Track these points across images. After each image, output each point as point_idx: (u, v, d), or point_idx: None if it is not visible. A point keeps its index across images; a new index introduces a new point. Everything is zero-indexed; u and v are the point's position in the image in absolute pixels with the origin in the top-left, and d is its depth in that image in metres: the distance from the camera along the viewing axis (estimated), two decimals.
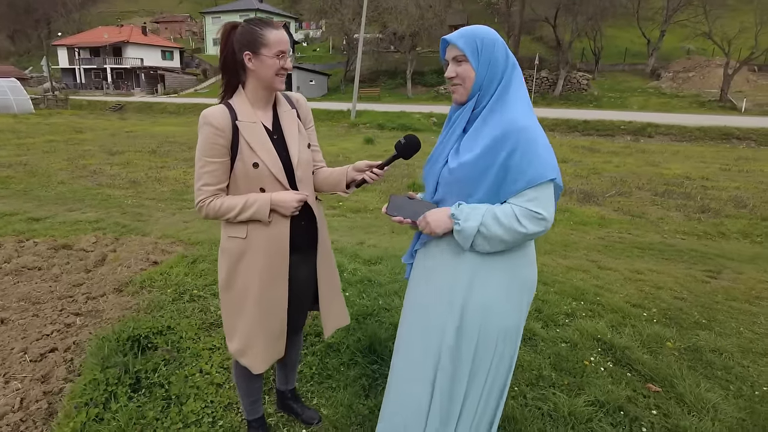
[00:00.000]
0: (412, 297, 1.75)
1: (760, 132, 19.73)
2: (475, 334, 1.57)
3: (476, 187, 1.51)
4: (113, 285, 3.76)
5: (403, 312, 1.80)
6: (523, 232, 1.44)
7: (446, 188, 1.59)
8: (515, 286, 1.58)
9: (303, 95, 1.97)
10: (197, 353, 2.70)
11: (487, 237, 1.46)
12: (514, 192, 1.46)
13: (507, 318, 1.58)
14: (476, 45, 1.48)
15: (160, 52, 52.02)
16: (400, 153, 1.71)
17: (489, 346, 1.58)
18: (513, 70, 1.52)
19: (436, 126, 24.30)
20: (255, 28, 1.65)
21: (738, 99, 28.43)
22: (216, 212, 1.72)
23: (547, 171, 1.43)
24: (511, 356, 1.65)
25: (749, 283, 4.61)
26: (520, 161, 1.42)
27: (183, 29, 68.24)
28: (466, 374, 1.60)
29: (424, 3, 34.75)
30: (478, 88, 1.51)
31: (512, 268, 1.56)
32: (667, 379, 2.63)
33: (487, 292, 1.54)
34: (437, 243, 1.64)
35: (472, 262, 1.54)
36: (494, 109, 1.50)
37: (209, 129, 1.66)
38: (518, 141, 1.42)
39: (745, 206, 8.14)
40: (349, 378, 2.45)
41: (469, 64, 1.49)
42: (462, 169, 1.51)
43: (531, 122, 1.46)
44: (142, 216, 6.04)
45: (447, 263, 1.60)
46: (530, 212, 1.43)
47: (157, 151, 12.66)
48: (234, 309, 1.82)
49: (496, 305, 1.55)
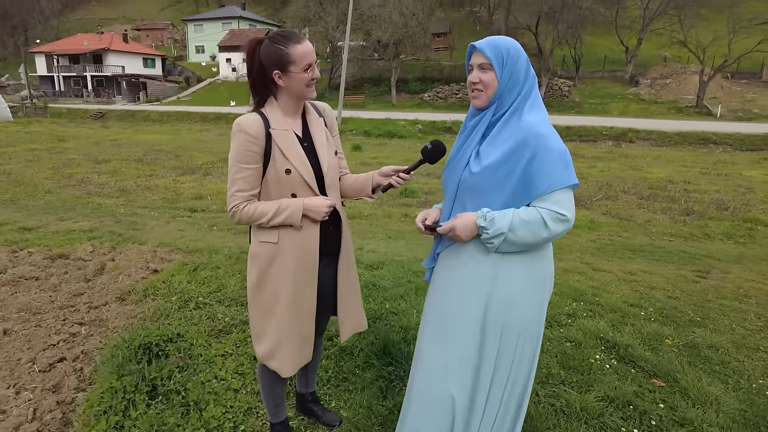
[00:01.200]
0: (434, 298, 1.79)
1: (736, 137, 20.38)
2: (498, 329, 1.62)
3: (497, 191, 1.57)
4: (115, 294, 3.73)
5: (424, 314, 1.84)
6: (547, 234, 1.52)
7: (467, 192, 1.65)
8: (536, 280, 1.64)
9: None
10: (210, 360, 2.71)
11: (514, 241, 1.53)
12: (535, 196, 1.53)
13: (527, 313, 1.64)
14: (502, 55, 1.56)
15: (142, 59, 51.49)
16: (427, 158, 1.77)
17: (510, 341, 1.64)
18: (532, 81, 1.60)
19: (422, 133, 24.52)
20: (280, 47, 1.69)
21: (713, 105, 29.26)
22: (249, 217, 1.76)
23: (568, 177, 1.51)
24: (532, 356, 1.70)
25: (737, 282, 4.78)
26: (540, 167, 1.50)
27: (165, 36, 67.65)
28: (490, 372, 1.65)
29: (407, 11, 35.08)
30: (499, 96, 1.59)
31: (532, 263, 1.63)
32: (670, 374, 2.73)
33: (509, 286, 1.61)
34: (459, 246, 1.69)
35: (495, 260, 1.60)
36: (513, 117, 1.58)
37: (244, 136, 1.70)
38: (537, 147, 1.50)
39: (727, 208, 8.40)
40: (365, 380, 2.49)
41: (494, 73, 1.57)
42: (484, 173, 1.57)
43: (549, 130, 1.54)
44: (137, 224, 5.99)
45: (469, 263, 1.65)
46: (556, 214, 1.51)
47: (143, 159, 12.54)
48: (264, 312, 1.85)
49: (518, 300, 1.61)
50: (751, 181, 11.88)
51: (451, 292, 1.71)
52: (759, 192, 10.45)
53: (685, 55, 34.18)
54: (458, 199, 1.68)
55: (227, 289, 3.72)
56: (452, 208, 1.71)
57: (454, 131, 25.17)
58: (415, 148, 18.93)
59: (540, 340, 1.72)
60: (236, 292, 3.66)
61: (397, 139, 21.94)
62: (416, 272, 4.21)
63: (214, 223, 6.53)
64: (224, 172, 11.67)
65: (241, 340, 2.95)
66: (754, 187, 11.03)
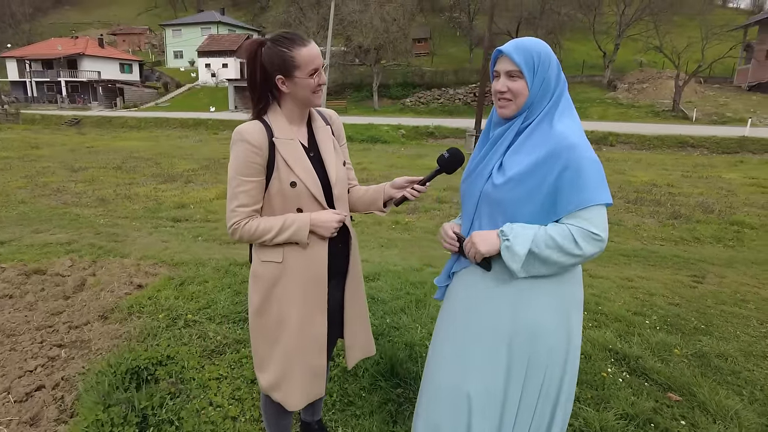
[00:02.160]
0: (452, 322, 1.63)
1: (712, 140, 20.85)
2: (524, 361, 1.48)
3: (522, 206, 1.42)
4: (97, 312, 3.51)
5: (439, 337, 1.68)
6: (578, 253, 1.36)
7: (489, 206, 1.50)
8: (563, 306, 1.50)
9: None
10: (204, 384, 2.52)
11: (540, 258, 1.38)
12: (565, 213, 1.38)
13: (554, 343, 1.48)
14: (533, 61, 1.41)
15: (119, 64, 50.49)
16: (444, 167, 1.64)
17: (537, 374, 1.49)
18: (563, 86, 1.47)
19: (405, 138, 24.49)
20: (283, 50, 1.54)
21: (689, 109, 29.93)
22: (251, 235, 1.60)
23: (602, 194, 1.37)
24: (557, 388, 1.53)
25: (732, 287, 4.77)
26: (572, 182, 1.35)
27: (142, 42, 66.54)
28: (515, 407, 1.50)
29: (388, 16, 35.15)
30: (529, 105, 1.44)
31: (559, 287, 1.48)
32: (685, 387, 2.64)
33: (533, 315, 1.46)
34: (475, 270, 1.54)
35: (517, 285, 1.46)
36: (542, 124, 1.44)
37: (245, 146, 1.55)
38: (570, 159, 1.35)
39: (712, 211, 8.49)
40: (373, 404, 2.33)
41: (524, 81, 1.42)
42: (508, 186, 1.42)
43: (581, 139, 1.40)
44: (118, 236, 5.73)
45: (489, 288, 1.50)
46: (588, 233, 1.36)
47: (122, 167, 12.18)
48: (268, 338, 1.69)
49: (544, 328, 1.47)
50: (732, 184, 12.10)
51: (471, 318, 1.55)
52: (740, 194, 10.62)
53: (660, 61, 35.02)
54: (478, 213, 1.53)
55: (217, 305, 3.53)
56: (472, 223, 1.55)
57: (437, 136, 25.20)
58: (399, 153, 18.86)
59: (570, 366, 1.55)
60: (227, 308, 3.47)
61: (381, 144, 21.86)
62: (414, 283, 4.07)
63: (198, 234, 6.31)
64: (206, 179, 11.40)
65: (236, 361, 2.77)
66: (734, 190, 11.22)
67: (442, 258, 5.52)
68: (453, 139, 24.10)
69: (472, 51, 41.67)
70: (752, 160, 18.12)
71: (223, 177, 11.74)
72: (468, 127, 17.32)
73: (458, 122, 26.58)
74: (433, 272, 4.60)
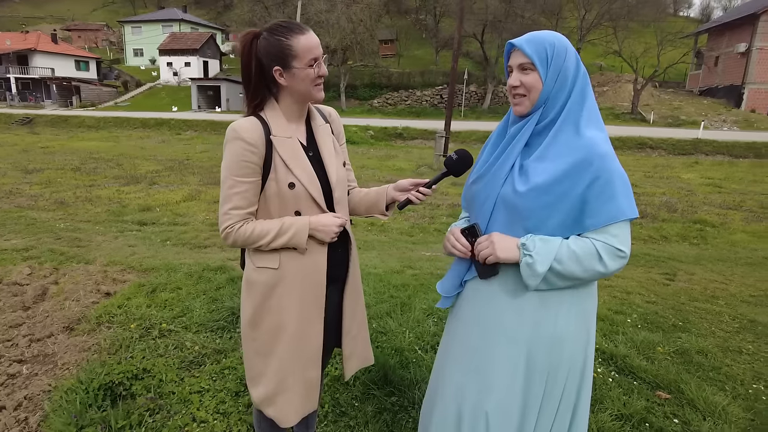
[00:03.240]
0: (464, 339, 1.52)
1: (669, 142, 21.73)
2: (544, 374, 1.41)
3: (546, 216, 1.33)
4: (62, 323, 3.28)
5: (450, 356, 1.56)
6: (601, 270, 1.30)
7: (507, 212, 1.40)
8: (584, 316, 1.43)
9: (233, 107, 1.76)
10: (185, 398, 2.37)
11: (561, 273, 1.31)
12: (592, 227, 1.31)
13: (573, 353, 1.42)
14: (546, 52, 1.34)
15: (74, 61, 48.34)
16: (451, 170, 1.56)
17: (557, 386, 1.42)
18: (584, 80, 1.37)
19: (373, 139, 24.42)
20: (280, 39, 1.44)
21: (646, 112, 31.13)
22: (246, 239, 1.49)
23: (630, 208, 1.30)
24: (575, 399, 1.47)
25: (702, 284, 4.92)
26: (600, 193, 1.28)
27: (99, 38, 63.99)
28: (533, 422, 1.43)
29: (355, 17, 35.04)
30: (545, 100, 1.36)
31: (580, 297, 1.41)
32: (672, 384, 2.67)
33: (555, 326, 1.39)
34: (491, 279, 1.45)
35: (540, 297, 1.38)
36: (567, 128, 1.34)
37: (240, 144, 1.44)
38: (600, 170, 1.28)
39: (676, 210, 8.80)
40: (367, 414, 2.24)
41: (537, 74, 1.34)
42: (533, 194, 1.32)
43: (610, 148, 1.32)
44: (81, 241, 5.41)
45: (510, 299, 1.42)
46: (614, 249, 1.29)
47: (81, 169, 11.61)
48: (262, 350, 1.58)
49: (565, 340, 1.40)
50: (690, 184, 12.61)
51: (489, 330, 1.45)
52: (699, 194, 11.07)
53: (619, 65, 36.27)
54: (494, 218, 1.43)
55: (193, 313, 3.35)
56: (486, 228, 1.45)
57: (405, 137, 25.24)
58: (368, 155, 18.76)
59: (587, 380, 1.49)
60: (203, 316, 3.31)
61: (350, 145, 21.62)
62: (396, 286, 4.00)
63: (167, 238, 6.04)
64: (171, 181, 11.01)
65: (217, 372, 2.63)
66: (693, 190, 11.69)
67: (421, 260, 5.47)
68: (422, 140, 24.23)
69: (438, 53, 42.03)
70: (706, 161, 18.98)
71: (189, 179, 11.36)
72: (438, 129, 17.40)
73: (426, 123, 26.72)
74: (413, 275, 4.54)
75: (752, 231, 7.80)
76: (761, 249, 6.77)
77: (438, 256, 5.57)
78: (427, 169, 14.59)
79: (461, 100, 33.56)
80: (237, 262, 4.73)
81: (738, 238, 7.30)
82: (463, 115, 32.18)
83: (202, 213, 7.81)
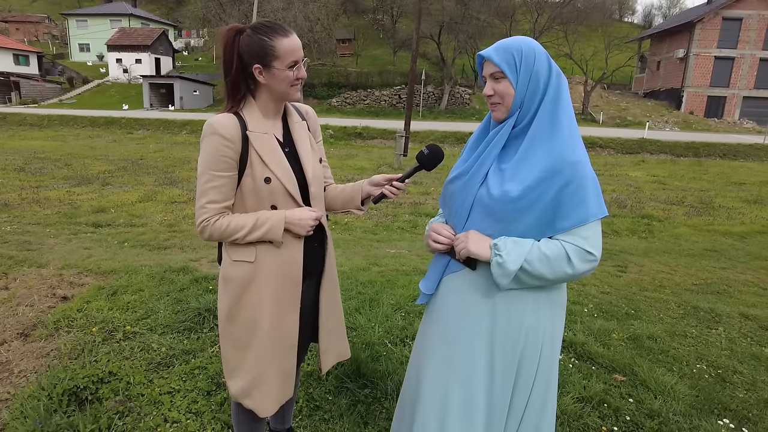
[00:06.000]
0: (438, 333, 1.57)
1: (617, 141, 22.78)
2: (515, 364, 1.47)
3: (520, 219, 1.39)
4: (15, 329, 3.13)
5: (427, 345, 1.60)
6: (569, 272, 1.36)
7: (483, 214, 1.45)
8: (553, 310, 1.50)
9: (187, 105, 1.78)
10: (155, 400, 2.33)
11: (530, 274, 1.37)
12: (562, 229, 1.37)
13: (545, 343, 1.48)
14: (514, 59, 1.40)
15: (12, 55, 45.45)
16: (423, 164, 1.62)
17: (529, 374, 1.48)
18: (558, 80, 1.42)
19: (333, 138, 24.32)
20: (263, 38, 1.47)
21: (596, 112, 32.51)
22: (222, 233, 1.51)
23: (599, 208, 1.37)
24: (547, 379, 1.53)
25: (651, 274, 5.23)
26: (572, 197, 1.34)
27: (40, 31, 60.51)
28: (504, 415, 1.49)
29: (312, 16, 34.78)
30: (519, 105, 1.42)
31: (550, 291, 1.48)
32: (627, 368, 2.85)
33: (525, 320, 1.44)
34: (466, 275, 1.51)
35: (509, 291, 1.44)
36: (541, 132, 1.39)
37: (217, 139, 1.45)
38: (572, 176, 1.33)
39: (625, 206, 9.26)
40: (342, 407, 2.28)
41: (508, 81, 1.40)
42: (507, 199, 1.38)
43: (583, 155, 1.38)
44: (31, 244, 5.16)
45: (480, 294, 1.47)
46: (583, 251, 1.36)
47: (25, 169, 11.01)
48: (239, 344, 1.60)
49: (536, 333, 1.46)
50: (638, 181, 13.28)
51: (462, 324, 1.50)
52: (646, 191, 11.69)
53: (570, 67, 37.66)
54: (471, 218, 1.48)
55: (158, 315, 3.29)
56: (464, 228, 1.50)
57: (365, 137, 25.28)
58: (329, 154, 18.69)
59: (555, 369, 1.57)
60: (169, 317, 3.25)
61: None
62: (363, 283, 4.05)
63: (124, 239, 5.84)
64: (125, 181, 10.62)
65: (187, 372, 2.59)
66: (640, 187, 12.33)
67: (386, 257, 5.54)
68: (381, 139, 24.33)
69: (395, 53, 42.30)
70: (651, 160, 20.04)
71: (144, 179, 10.99)
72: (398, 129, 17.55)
73: (386, 123, 26.86)
74: (379, 271, 4.60)
75: (693, 225, 8.33)
76: (701, 241, 7.25)
77: (402, 253, 5.66)
78: (387, 168, 14.69)
79: (419, 101, 33.95)
80: (199, 263, 4.64)
81: (681, 232, 7.78)
82: (421, 115, 32.53)
83: (160, 214, 7.59)
